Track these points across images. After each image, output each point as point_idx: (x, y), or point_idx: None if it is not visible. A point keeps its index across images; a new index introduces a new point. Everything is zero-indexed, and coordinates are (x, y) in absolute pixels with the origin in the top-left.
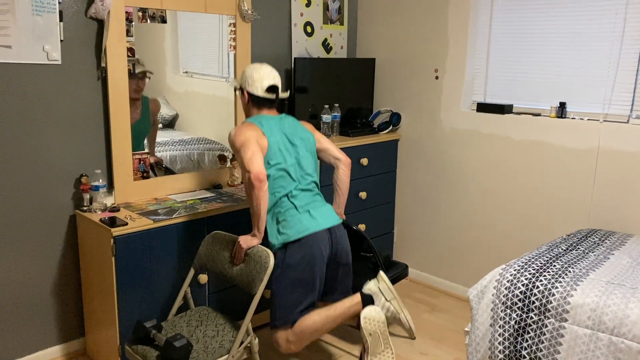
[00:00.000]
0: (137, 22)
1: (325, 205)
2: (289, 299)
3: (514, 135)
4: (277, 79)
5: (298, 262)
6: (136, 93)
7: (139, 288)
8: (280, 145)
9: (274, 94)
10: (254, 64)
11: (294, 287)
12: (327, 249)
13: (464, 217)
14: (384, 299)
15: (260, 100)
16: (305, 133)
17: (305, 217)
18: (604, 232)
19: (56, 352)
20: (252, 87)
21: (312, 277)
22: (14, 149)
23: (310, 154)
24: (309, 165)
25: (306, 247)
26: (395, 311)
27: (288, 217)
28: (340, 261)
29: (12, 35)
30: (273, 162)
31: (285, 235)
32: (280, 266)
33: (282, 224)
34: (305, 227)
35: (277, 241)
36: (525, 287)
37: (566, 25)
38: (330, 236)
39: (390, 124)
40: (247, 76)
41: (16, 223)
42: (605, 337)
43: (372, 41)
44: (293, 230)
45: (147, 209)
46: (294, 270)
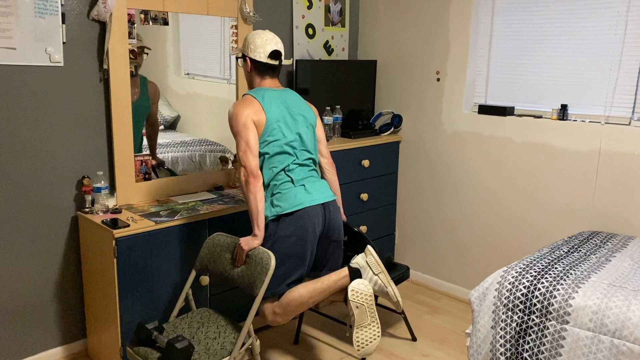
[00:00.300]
0: (139, 24)
1: (320, 181)
2: (278, 271)
3: (515, 137)
4: (280, 44)
5: (290, 235)
6: (132, 67)
7: (141, 289)
8: (280, 120)
9: (277, 60)
10: (256, 30)
11: (284, 259)
12: (320, 224)
13: (466, 219)
14: (371, 272)
15: (263, 66)
16: (308, 111)
17: (300, 190)
18: (605, 235)
19: (58, 354)
20: (254, 53)
21: (302, 251)
22: (17, 150)
23: (310, 130)
24: (309, 141)
25: (299, 221)
26: (382, 284)
27: (283, 190)
28: (332, 237)
29: (14, 37)
30: (271, 138)
31: (278, 208)
32: (272, 238)
33: (276, 196)
34: (299, 200)
35: (270, 213)
36: (526, 289)
37: (568, 27)
38: (324, 211)
39: (392, 126)
40: (249, 42)
41: (18, 224)
42: (607, 339)
43: (373, 43)
44: (287, 203)
45: (149, 210)
46: (285, 242)
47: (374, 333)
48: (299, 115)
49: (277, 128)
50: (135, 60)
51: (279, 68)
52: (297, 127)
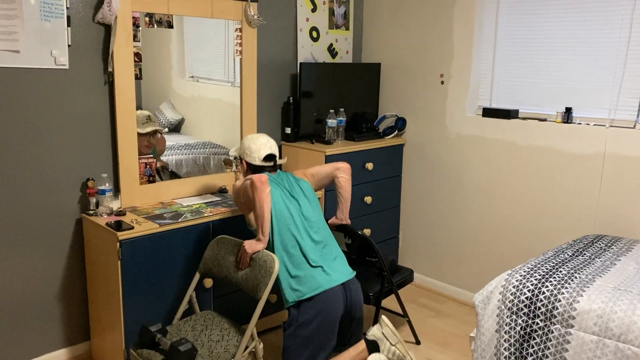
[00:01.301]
0: (144, 27)
1: (338, 259)
2: (304, 356)
3: (520, 140)
4: (274, 147)
5: (312, 320)
6: (147, 149)
7: (145, 292)
8: (282, 197)
9: (272, 161)
10: (251, 135)
11: (308, 344)
12: (342, 305)
13: (470, 222)
14: (389, 343)
15: (258, 168)
16: (301, 182)
17: (318, 272)
18: (610, 238)
19: (62, 356)
20: (250, 158)
21: (326, 335)
22: (22, 152)
23: (312, 203)
24: (313, 215)
25: (320, 305)
26: (401, 354)
27: (301, 273)
28: (355, 315)
29: (20, 40)
30: (279, 217)
31: (298, 292)
32: (294, 324)
33: (295, 279)
34: (319, 283)
35: (290, 298)
36: (531, 292)
37: (572, 31)
38: (344, 291)
39: (396, 129)
40: (245, 147)
41: (23, 226)
42: (612, 343)
43: (377, 46)
44: (306, 287)
45: (153, 213)
46: (308, 327)
47: None
48: (297, 191)
49: (282, 205)
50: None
51: (275, 167)
52: (299, 204)
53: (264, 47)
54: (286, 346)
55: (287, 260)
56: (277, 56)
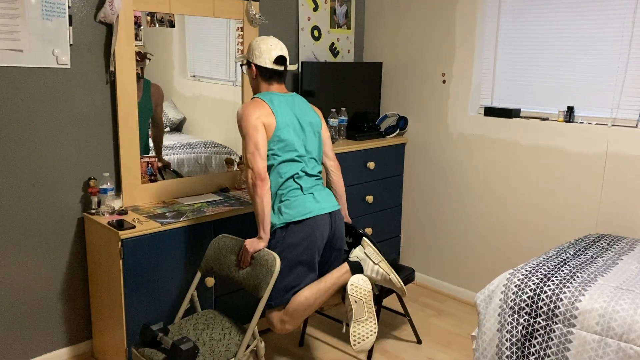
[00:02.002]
0: (146, 26)
1: (326, 189)
2: (287, 279)
3: (521, 139)
4: (285, 50)
5: (298, 243)
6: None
7: (146, 291)
8: (289, 126)
9: (283, 65)
10: (260, 37)
11: (292, 267)
12: (327, 233)
13: (471, 221)
14: (371, 262)
15: (269, 72)
16: (314, 116)
17: (309, 198)
18: (612, 237)
19: (64, 355)
20: (259, 60)
21: (311, 259)
22: (23, 151)
23: (317, 137)
24: (315, 149)
25: (308, 229)
26: (385, 273)
27: (291, 197)
28: (335, 245)
29: (22, 39)
30: (280, 144)
31: (287, 215)
32: (280, 245)
33: (284, 203)
34: (308, 209)
35: (278, 220)
36: (532, 292)
37: (574, 29)
38: (330, 220)
39: (397, 128)
40: (253, 48)
41: (25, 225)
42: (614, 342)
43: (379, 45)
44: (296, 210)
45: (155, 212)
46: (294, 250)
47: (370, 328)
48: (306, 122)
49: (287, 134)
50: (141, 63)
51: (284, 73)
52: (305, 135)
53: None
54: None
55: (280, 184)
56: None
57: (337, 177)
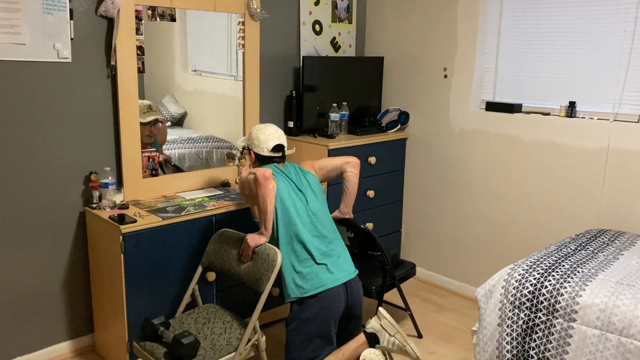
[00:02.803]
0: (147, 21)
1: (342, 256)
2: (305, 353)
3: (523, 134)
4: (283, 138)
5: (314, 317)
6: (149, 138)
7: (147, 285)
8: (289, 191)
9: (280, 152)
10: (259, 125)
11: (310, 340)
12: (343, 304)
13: (472, 216)
14: (387, 334)
15: (266, 159)
16: (308, 176)
17: (322, 270)
18: (613, 232)
19: (65, 348)
20: (258, 149)
21: (327, 331)
22: (25, 146)
23: (318, 197)
24: (319, 209)
25: (323, 302)
26: (400, 344)
27: (305, 270)
28: (354, 314)
29: (23, 33)
30: (284, 206)
31: (301, 289)
32: (297, 320)
33: (299, 275)
34: (322, 282)
35: (293, 294)
36: (533, 286)
37: (576, 24)
38: (346, 290)
39: (399, 123)
40: (253, 138)
41: (26, 220)
42: (615, 337)
43: (380, 40)
44: (309, 284)
45: (156, 206)
46: (310, 324)
47: None
48: (304, 185)
49: (288, 196)
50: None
51: (282, 158)
52: (306, 198)
53: (266, 40)
54: (289, 342)
55: (292, 255)
56: (280, 50)
57: (352, 176)
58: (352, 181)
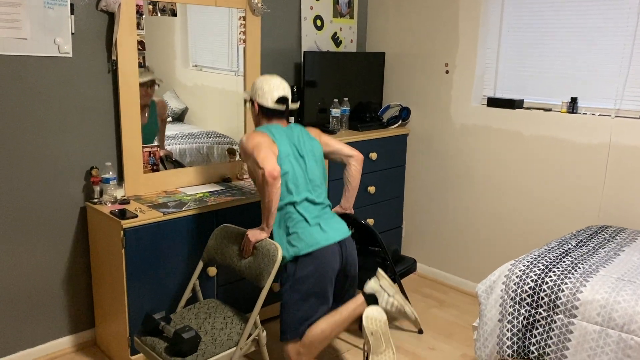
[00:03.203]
0: (148, 15)
1: (334, 217)
2: (300, 313)
3: (525, 130)
4: (287, 90)
5: (309, 275)
6: (144, 100)
7: (149, 280)
8: (289, 156)
9: (284, 105)
10: (264, 76)
11: (305, 300)
12: (338, 262)
13: (473, 212)
14: (386, 295)
15: (270, 111)
16: (313, 142)
17: (316, 230)
18: (614, 229)
19: (66, 343)
20: (262, 99)
21: (323, 290)
22: (26, 141)
23: (318, 164)
24: (317, 177)
25: (317, 261)
26: (399, 305)
27: (299, 230)
28: (349, 273)
29: (23, 28)
30: (282, 170)
31: (295, 249)
32: (291, 279)
33: (292, 236)
34: (316, 240)
35: (287, 254)
36: (534, 282)
37: (578, 20)
38: (340, 249)
39: (400, 119)
40: (257, 88)
41: (27, 215)
42: (615, 333)
43: (382, 35)
44: (304, 243)
45: (157, 201)
46: (305, 283)
47: (389, 358)
48: (306, 151)
49: (288, 162)
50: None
51: (286, 112)
52: (305, 164)
53: (267, 35)
54: (284, 301)
55: (286, 218)
56: (281, 45)
57: (355, 171)
58: (355, 176)
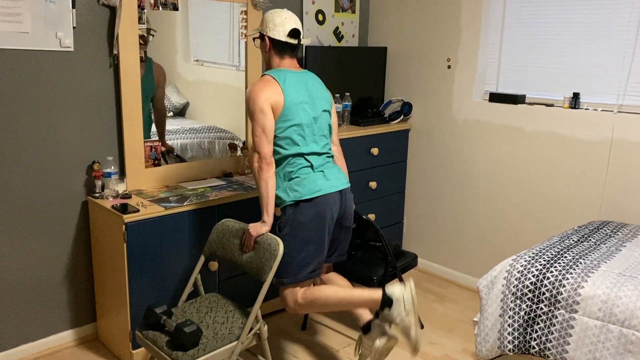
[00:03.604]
0: (149, 9)
1: (336, 167)
2: (298, 258)
3: (526, 125)
4: (299, 23)
5: (309, 221)
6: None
7: (150, 274)
8: (300, 104)
9: (297, 39)
10: (274, 9)
11: (303, 245)
12: (337, 211)
13: (474, 207)
14: (403, 307)
15: (282, 45)
16: (327, 95)
17: (319, 176)
18: (616, 224)
19: (68, 337)
20: (273, 32)
21: (321, 237)
22: (28, 135)
23: (327, 115)
24: (326, 127)
25: (318, 207)
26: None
27: (302, 175)
28: (344, 224)
29: (25, 22)
30: (289, 123)
31: (297, 193)
32: (290, 223)
33: (294, 180)
34: (319, 187)
35: (288, 197)
36: (535, 278)
37: (580, 15)
38: (340, 198)
39: (402, 114)
40: (267, 21)
41: (29, 209)
42: (616, 328)
43: (384, 30)
44: (306, 188)
45: (159, 196)
46: (304, 228)
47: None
48: (319, 99)
49: (296, 112)
50: (144, 46)
51: (298, 47)
52: (315, 112)
53: None
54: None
55: (289, 162)
56: None
57: (342, 163)
58: (342, 159)
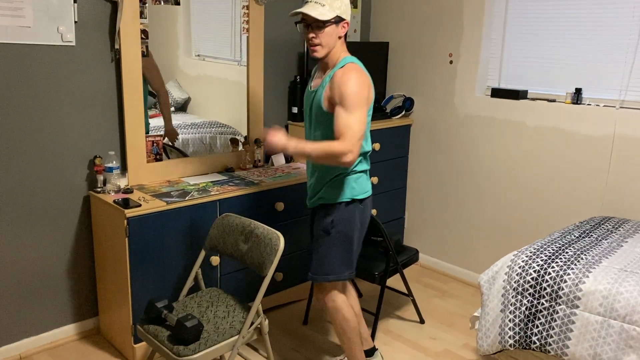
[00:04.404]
0: (151, 4)
1: None
2: (342, 255)
3: (528, 121)
4: None
5: (356, 220)
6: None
7: (152, 269)
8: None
9: None
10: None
11: (350, 244)
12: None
13: (476, 203)
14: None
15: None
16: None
17: (367, 177)
18: (617, 220)
19: (70, 331)
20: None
21: (361, 238)
22: (29, 130)
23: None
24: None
25: (365, 209)
26: None
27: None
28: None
29: (26, 16)
30: (368, 116)
31: (355, 190)
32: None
33: (352, 176)
34: (368, 187)
35: (344, 194)
36: (537, 273)
37: (583, 10)
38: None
39: (403, 109)
40: (345, 4)
41: (31, 203)
42: (617, 324)
43: (385, 25)
44: (361, 187)
45: (160, 191)
46: (354, 228)
47: None
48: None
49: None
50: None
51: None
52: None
53: (271, 25)
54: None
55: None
56: (284, 34)
57: None
58: None
